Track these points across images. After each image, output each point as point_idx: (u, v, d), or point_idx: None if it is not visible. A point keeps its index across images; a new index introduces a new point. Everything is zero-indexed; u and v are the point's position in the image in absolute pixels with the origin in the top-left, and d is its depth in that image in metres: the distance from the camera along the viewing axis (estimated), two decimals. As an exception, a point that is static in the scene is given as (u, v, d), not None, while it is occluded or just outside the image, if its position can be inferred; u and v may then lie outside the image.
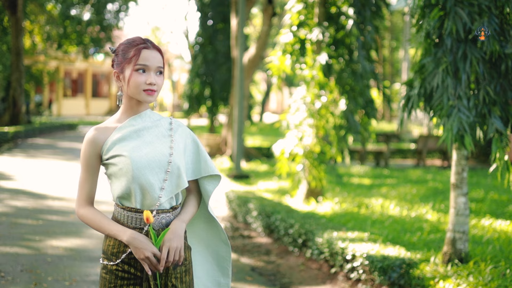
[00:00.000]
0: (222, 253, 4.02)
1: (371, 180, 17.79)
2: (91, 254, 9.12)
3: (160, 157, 3.64)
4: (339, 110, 13.10)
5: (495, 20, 7.27)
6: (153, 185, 3.59)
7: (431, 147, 22.47)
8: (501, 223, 10.90)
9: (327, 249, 8.58)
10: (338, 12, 13.29)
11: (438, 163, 23.33)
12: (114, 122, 3.73)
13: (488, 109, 7.31)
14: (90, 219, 3.63)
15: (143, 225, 3.61)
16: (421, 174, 19.20)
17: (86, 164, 3.65)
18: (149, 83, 3.60)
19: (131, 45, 3.64)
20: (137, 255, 3.52)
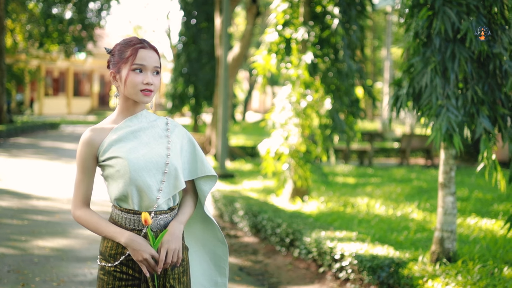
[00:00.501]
0: (219, 252, 4.00)
1: (356, 179, 17.82)
2: (78, 254, 9.07)
3: (157, 158, 3.61)
4: (324, 109, 13.10)
5: (483, 19, 7.29)
6: (151, 186, 3.57)
7: (414, 146, 22.53)
8: (486, 222, 10.95)
9: (315, 249, 8.58)
10: (324, 11, 13.30)
11: (422, 162, 23.42)
12: (110, 123, 3.70)
13: (476, 108, 7.33)
14: (86, 220, 3.60)
15: (141, 227, 3.59)
16: (405, 173, 19.26)
17: (82, 165, 3.62)
18: (146, 83, 3.57)
19: (128, 45, 3.61)
20: (135, 257, 3.50)
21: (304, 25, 13.02)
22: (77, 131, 35.56)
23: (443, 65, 7.34)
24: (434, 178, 17.89)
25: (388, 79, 33.88)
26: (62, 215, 11.86)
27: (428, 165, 22.12)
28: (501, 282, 6.90)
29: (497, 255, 8.38)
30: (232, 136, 32.34)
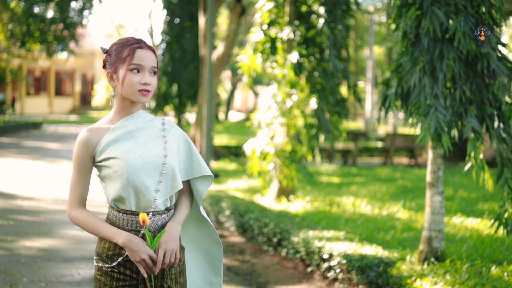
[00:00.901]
0: (213, 252, 3.99)
1: (340, 178, 17.83)
2: (65, 254, 9.04)
3: (154, 159, 3.60)
4: (309, 108, 13.10)
5: (471, 19, 7.32)
6: (148, 187, 3.56)
7: (398, 146, 22.58)
8: (472, 221, 10.99)
9: (303, 248, 8.58)
10: (309, 10, 13.31)
11: (406, 161, 23.48)
12: (106, 123, 3.68)
13: (464, 108, 7.36)
14: (83, 221, 3.58)
15: (139, 228, 3.58)
16: (389, 173, 19.30)
17: (78, 166, 3.59)
18: (144, 83, 3.56)
19: (125, 44, 3.59)
20: (132, 257, 3.48)
21: (290, 24, 13.02)
22: (59, 130, 35.43)
23: (432, 65, 7.36)
24: (418, 177, 17.95)
25: (371, 78, 33.97)
26: (48, 215, 11.80)
27: (412, 164, 22.19)
28: (489, 281, 6.93)
29: (484, 254, 8.41)
30: (215, 135, 32.31)
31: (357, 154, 23.02)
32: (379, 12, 38.21)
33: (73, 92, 60.09)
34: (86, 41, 51.52)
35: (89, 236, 10.22)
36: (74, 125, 39.71)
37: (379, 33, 49.68)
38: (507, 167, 7.43)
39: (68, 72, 59.94)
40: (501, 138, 7.36)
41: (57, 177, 17.21)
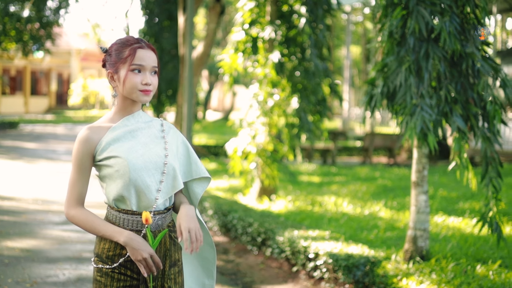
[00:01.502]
0: (207, 255, 3.98)
1: (320, 177, 17.86)
2: (48, 255, 8.97)
3: (156, 158, 3.60)
4: (291, 108, 13.11)
5: (456, 19, 7.34)
6: (150, 186, 3.55)
7: (377, 145, 22.65)
8: (453, 220, 11.03)
9: (289, 248, 8.58)
10: (290, 10, 13.31)
11: (385, 161, 23.56)
12: (107, 121, 3.66)
13: (449, 107, 7.39)
14: (82, 220, 3.55)
15: (139, 227, 3.56)
16: (369, 172, 19.34)
17: (78, 164, 3.57)
18: (145, 83, 3.56)
19: (125, 44, 3.59)
20: (133, 256, 3.46)
21: (271, 24, 13.02)
22: (36, 130, 35.19)
23: (417, 65, 7.39)
24: (398, 176, 18.02)
25: (348, 78, 34.05)
26: (29, 216, 11.72)
27: (391, 163, 22.27)
28: (475, 280, 6.96)
29: (468, 253, 8.45)
30: (194, 135, 32.27)
31: (336, 154, 23.06)
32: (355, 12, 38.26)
33: (49, 92, 59.73)
34: (62, 40, 51.23)
35: (72, 236, 10.18)
36: (51, 124, 39.47)
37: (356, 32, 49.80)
38: (492, 166, 7.47)
39: (44, 71, 59.58)
40: (486, 137, 7.41)
41: (36, 177, 17.09)
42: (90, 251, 9.27)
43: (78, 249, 9.40)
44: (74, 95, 54.21)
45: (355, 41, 51.92)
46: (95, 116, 50.74)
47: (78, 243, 9.74)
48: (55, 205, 12.90)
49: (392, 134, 23.45)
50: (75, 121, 44.41)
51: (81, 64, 62.10)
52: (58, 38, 41.52)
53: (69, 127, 37.41)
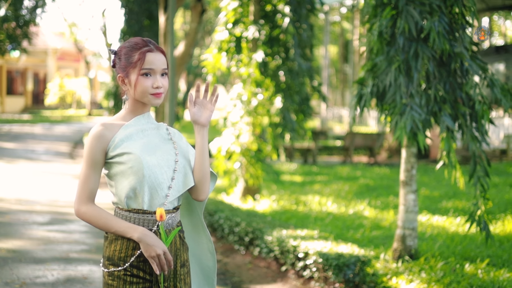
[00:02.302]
0: (207, 262, 3.98)
1: (302, 177, 17.88)
2: (35, 255, 8.92)
3: (167, 156, 3.63)
4: (275, 108, 13.12)
5: (445, 19, 7.39)
6: (162, 184, 3.56)
7: (358, 144, 22.71)
8: (438, 219, 11.08)
9: (277, 247, 8.57)
10: (274, 10, 13.32)
11: (365, 160, 23.62)
12: (119, 119, 3.68)
13: (438, 107, 7.43)
14: (94, 216, 3.52)
15: (151, 226, 3.55)
16: (350, 171, 19.40)
17: (91, 160, 3.55)
18: (156, 87, 3.57)
19: (134, 48, 3.59)
20: (147, 252, 3.45)
21: (255, 23, 13.02)
22: (14, 130, 34.92)
23: (407, 64, 7.42)
24: (379, 176, 18.09)
25: (326, 77, 34.11)
26: (12, 216, 11.64)
27: (372, 162, 22.33)
28: (464, 278, 7.01)
29: (456, 251, 8.51)
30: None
31: (317, 153, 23.10)
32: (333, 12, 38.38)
33: (25, 91, 59.34)
34: (38, 40, 51.00)
35: (57, 236, 10.13)
36: (28, 124, 39.17)
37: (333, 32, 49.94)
38: (480, 165, 7.51)
39: (20, 70, 59.17)
40: (474, 137, 7.45)
41: (17, 177, 16.99)
42: (77, 251, 9.23)
43: (64, 249, 9.35)
44: (51, 94, 53.95)
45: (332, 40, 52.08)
46: (72, 116, 50.53)
47: (64, 244, 9.69)
48: (38, 205, 12.83)
49: (372, 134, 23.53)
50: (52, 120, 44.13)
51: (58, 64, 61.81)
52: (34, 37, 41.35)
53: (46, 127, 37.16)
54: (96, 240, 10.10)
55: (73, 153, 25.36)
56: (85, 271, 8.23)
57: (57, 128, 36.81)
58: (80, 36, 61.31)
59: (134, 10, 27.64)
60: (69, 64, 64.35)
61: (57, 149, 25.91)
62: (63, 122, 43.03)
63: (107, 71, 68.10)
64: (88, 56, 61.00)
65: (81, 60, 61.70)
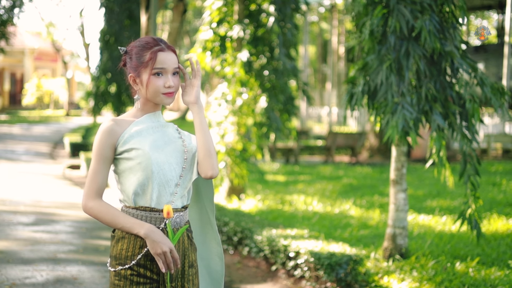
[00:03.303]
0: (215, 267, 3.95)
1: (285, 176, 17.87)
2: (23, 256, 8.84)
3: (176, 154, 3.61)
4: (259, 107, 13.09)
5: (436, 18, 7.40)
6: (170, 181, 3.55)
7: (339, 144, 22.73)
8: (424, 218, 11.10)
9: (267, 247, 8.55)
10: (258, 9, 13.28)
11: (347, 160, 23.64)
12: (130, 116, 3.67)
13: (429, 106, 7.44)
14: (101, 211, 3.49)
15: (158, 224, 3.53)
16: (333, 171, 19.41)
17: (100, 155, 3.53)
18: (168, 86, 3.56)
19: (146, 48, 3.58)
20: (153, 249, 3.42)
21: (239, 23, 12.99)
22: (-8, 130, 34.71)
23: (398, 63, 7.42)
24: (362, 175, 18.11)
25: (306, 77, 34.12)
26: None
27: (353, 162, 22.36)
28: (456, 277, 7.02)
29: (445, 250, 8.51)
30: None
31: (298, 153, 23.09)
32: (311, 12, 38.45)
33: (2, 91, 58.93)
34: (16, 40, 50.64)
35: (44, 237, 10.05)
36: (6, 124, 38.86)
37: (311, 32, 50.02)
38: (470, 164, 7.53)
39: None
40: (465, 136, 7.46)
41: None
42: (64, 252, 9.16)
43: (52, 249, 9.28)
44: (28, 95, 53.59)
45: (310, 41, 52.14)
46: (50, 116, 50.21)
47: (51, 244, 9.62)
48: (22, 206, 12.74)
49: (354, 133, 23.56)
50: (30, 121, 43.84)
51: (35, 64, 61.43)
52: (12, 37, 41.04)
53: (25, 127, 36.92)
54: (83, 240, 10.04)
55: (53, 153, 25.24)
56: (74, 271, 8.17)
57: (35, 129, 36.57)
58: (57, 36, 60.85)
59: (114, 9, 27.48)
60: (47, 64, 63.96)
61: (37, 149, 25.77)
62: (41, 123, 42.76)
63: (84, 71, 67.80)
64: (65, 56, 60.66)
65: (59, 60, 61.36)
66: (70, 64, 62.79)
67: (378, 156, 23.36)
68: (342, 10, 41.32)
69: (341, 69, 49.38)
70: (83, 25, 55.06)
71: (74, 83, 64.88)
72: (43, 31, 61.13)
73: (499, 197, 13.03)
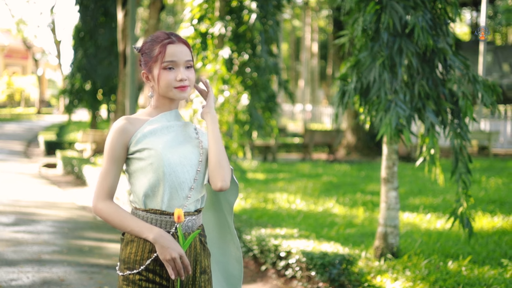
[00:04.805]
0: (233, 272, 3.80)
1: (264, 174, 17.76)
2: (6, 257, 8.65)
3: (191, 155, 3.43)
4: (241, 105, 12.99)
5: (429, 14, 7.33)
6: (183, 183, 3.37)
7: (317, 141, 22.69)
8: (408, 215, 11.05)
9: (257, 247, 8.44)
10: (240, 6, 13.18)
11: (324, 157, 23.61)
12: (145, 115, 3.49)
13: (422, 103, 7.37)
14: (110, 214, 3.33)
15: (168, 228, 3.36)
16: (311, 168, 19.34)
17: (112, 155, 3.37)
18: (180, 80, 3.38)
19: (155, 42, 3.42)
20: (162, 255, 3.26)
21: (221, 19, 12.87)
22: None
23: (391, 60, 7.34)
24: (341, 172, 18.07)
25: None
26: (-23, 217, 11.36)
27: (331, 159, 22.33)
28: (450, 276, 6.96)
29: (436, 248, 8.46)
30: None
31: (276, 150, 23.02)
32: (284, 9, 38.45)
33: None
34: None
35: (26, 237, 9.87)
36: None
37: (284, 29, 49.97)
38: (462, 162, 7.47)
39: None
40: (458, 133, 7.40)
41: None
42: (49, 253, 9.00)
43: (35, 250, 9.10)
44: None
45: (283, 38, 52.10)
46: (21, 114, 49.79)
47: (34, 245, 9.44)
48: (0, 206, 12.53)
49: (331, 131, 23.55)
50: (1, 119, 43.41)
51: (5, 61, 60.89)
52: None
53: (-4, 126, 36.59)
54: (66, 241, 9.88)
55: (28, 151, 24.98)
56: (61, 273, 8.00)
57: (7, 127, 36.21)
58: (28, 33, 60.30)
59: (90, 6, 27.29)
60: (17, 62, 63.45)
61: (11, 147, 25.49)
62: (13, 121, 42.38)
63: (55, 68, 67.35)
64: (36, 53, 60.18)
65: (29, 58, 60.88)
66: (41, 61, 62.32)
67: (355, 154, 23.35)
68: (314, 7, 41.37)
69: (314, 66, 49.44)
70: (54, 22, 54.63)
71: (45, 81, 64.41)
72: (13, 28, 60.55)
73: (481, 194, 13.02)
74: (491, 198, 12.63)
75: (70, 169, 18.61)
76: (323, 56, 58.30)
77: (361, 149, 23.30)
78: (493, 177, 15.81)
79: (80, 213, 12.48)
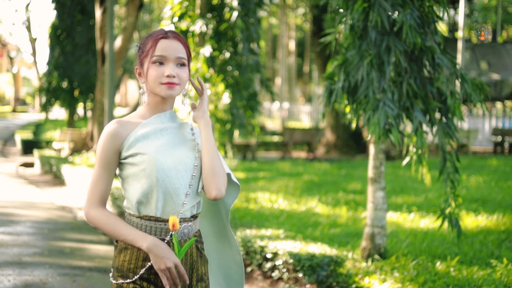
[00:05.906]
0: (234, 276, 3.67)
1: (244, 173, 17.66)
2: (-11, 260, 8.51)
3: (186, 160, 3.26)
4: (222, 103, 12.87)
5: (416, 12, 7.25)
6: (178, 189, 3.21)
7: (296, 140, 22.62)
8: (391, 215, 10.98)
9: (242, 248, 8.32)
10: (221, 3, 13.06)
11: (304, 155, 23.55)
12: (137, 117, 3.33)
13: (410, 102, 7.29)
14: (103, 221, 3.19)
15: (163, 236, 3.21)
16: (291, 167, 19.27)
17: (103, 160, 3.22)
18: (168, 75, 3.20)
19: (150, 36, 3.27)
20: (156, 265, 3.11)
21: (202, 17, 12.74)
22: None
23: (379, 59, 7.25)
24: (321, 171, 18.00)
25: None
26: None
27: (311, 158, 22.27)
28: (439, 277, 6.89)
29: (422, 248, 8.38)
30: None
31: (255, 149, 22.93)
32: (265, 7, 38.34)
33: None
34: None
35: (5, 239, 9.71)
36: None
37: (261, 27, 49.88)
38: (449, 161, 7.40)
39: None
40: (446, 133, 7.33)
41: None
42: (29, 255, 8.83)
43: (15, 252, 8.94)
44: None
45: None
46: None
47: (14, 247, 9.27)
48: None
49: (311, 129, 23.49)
50: (-24, 117, 43.07)
51: (-21, 59, 60.44)
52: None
53: (-29, 124, 36.24)
54: (46, 242, 9.71)
55: (4, 150, 24.71)
56: (42, 275, 7.84)
57: (-18, 125, 35.90)
58: (2, 31, 59.83)
59: (66, 4, 27.05)
60: (-9, 60, 63.01)
61: (-14, 146, 25.22)
62: (-13, 119, 42.02)
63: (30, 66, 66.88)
64: (11, 51, 59.70)
65: (4, 55, 60.40)
66: (16, 59, 61.88)
67: (335, 152, 23.30)
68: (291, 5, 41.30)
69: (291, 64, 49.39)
70: (30, 19, 54.21)
71: (20, 79, 63.95)
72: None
73: (463, 193, 12.96)
74: (473, 196, 12.59)
75: (48, 169, 18.42)
76: (300, 54, 58.38)
77: (340, 147, 23.25)
78: (473, 175, 15.79)
79: (59, 214, 12.32)
